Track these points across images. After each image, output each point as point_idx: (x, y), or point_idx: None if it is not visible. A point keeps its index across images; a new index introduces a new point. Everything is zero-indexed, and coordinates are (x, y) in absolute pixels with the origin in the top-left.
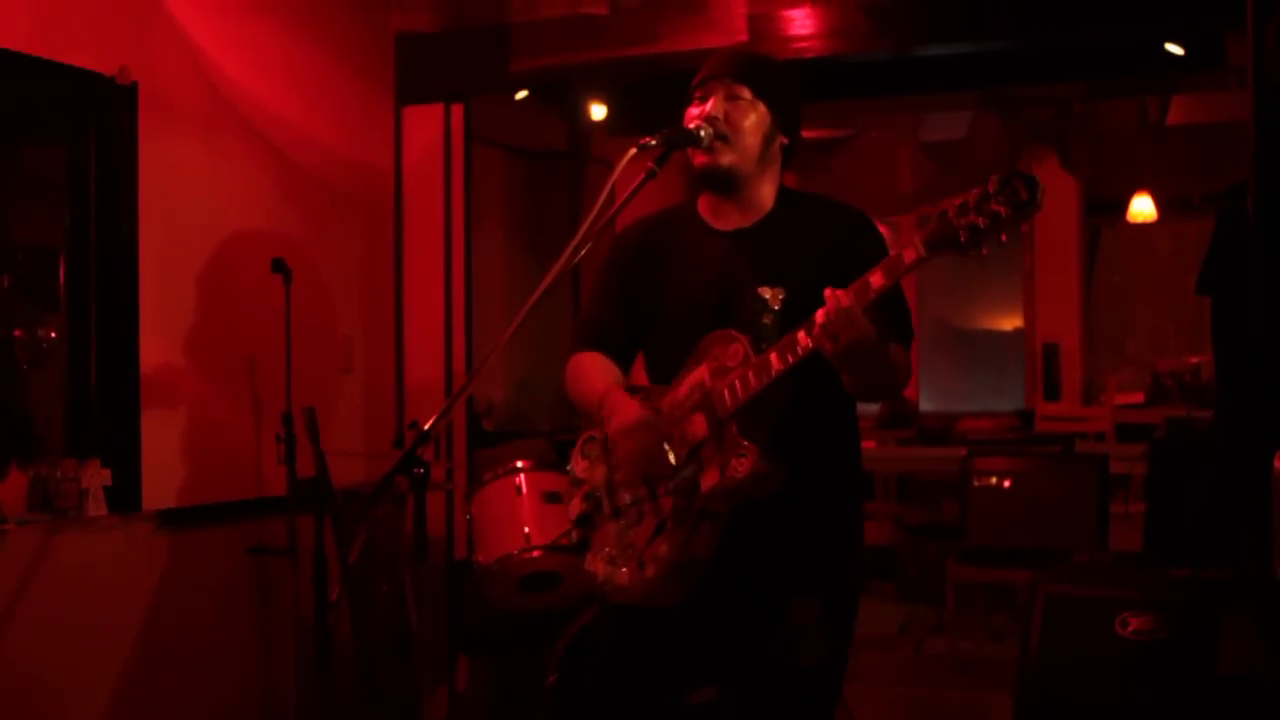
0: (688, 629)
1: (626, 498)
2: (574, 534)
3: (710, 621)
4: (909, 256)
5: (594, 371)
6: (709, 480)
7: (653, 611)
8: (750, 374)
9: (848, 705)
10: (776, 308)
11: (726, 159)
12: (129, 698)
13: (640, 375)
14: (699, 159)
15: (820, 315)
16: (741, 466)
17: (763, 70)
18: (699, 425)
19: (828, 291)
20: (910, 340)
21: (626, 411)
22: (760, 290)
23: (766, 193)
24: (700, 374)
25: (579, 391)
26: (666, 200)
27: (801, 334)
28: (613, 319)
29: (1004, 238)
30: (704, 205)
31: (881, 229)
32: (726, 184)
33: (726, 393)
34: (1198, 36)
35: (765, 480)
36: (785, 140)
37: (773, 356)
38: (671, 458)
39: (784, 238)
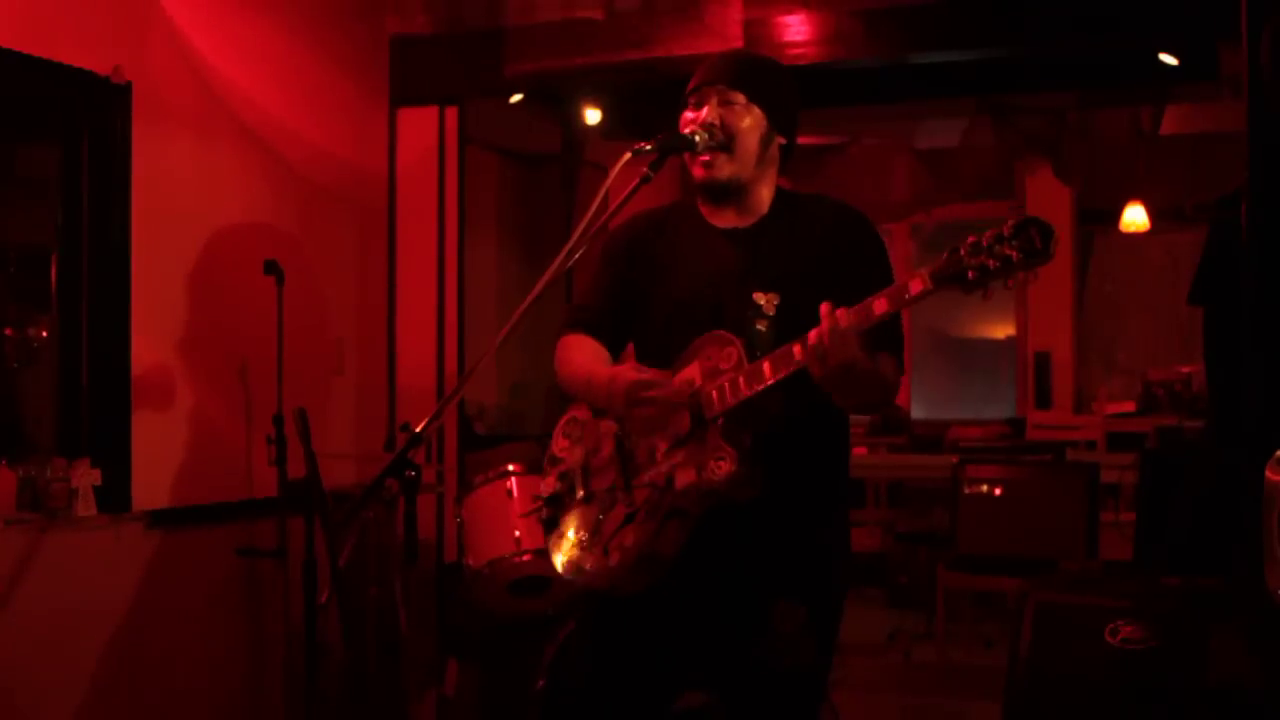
0: (674, 633)
1: (601, 483)
2: (543, 512)
3: (696, 625)
4: (915, 288)
5: (582, 352)
6: (685, 478)
7: (639, 615)
8: (742, 380)
9: (836, 711)
10: (771, 314)
11: (725, 171)
12: (116, 698)
13: None
14: (698, 172)
15: (813, 335)
16: (719, 469)
17: (757, 74)
18: (683, 422)
19: (824, 309)
20: (901, 350)
21: (624, 376)
22: (755, 295)
23: (764, 195)
24: (691, 372)
25: (567, 371)
26: (660, 204)
27: (797, 348)
28: (604, 306)
29: (1010, 284)
30: (702, 203)
31: None
32: (726, 194)
33: (715, 394)
34: (1192, 47)
35: (741, 485)
36: (782, 140)
37: (766, 366)
38: (653, 451)
39: (779, 240)
